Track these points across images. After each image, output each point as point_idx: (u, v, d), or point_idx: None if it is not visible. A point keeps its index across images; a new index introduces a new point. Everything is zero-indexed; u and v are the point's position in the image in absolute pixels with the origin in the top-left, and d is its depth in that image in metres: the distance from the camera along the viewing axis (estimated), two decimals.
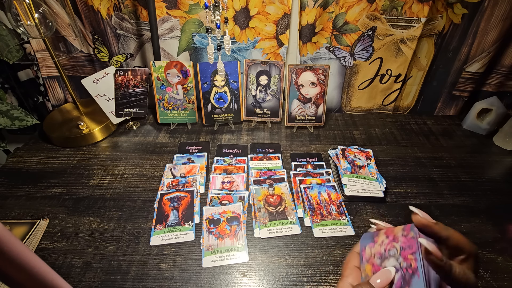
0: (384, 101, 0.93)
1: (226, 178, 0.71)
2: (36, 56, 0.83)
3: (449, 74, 0.86)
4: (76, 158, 0.77)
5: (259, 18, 0.79)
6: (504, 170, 0.76)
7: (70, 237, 0.59)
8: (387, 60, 0.84)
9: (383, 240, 0.32)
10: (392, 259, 0.30)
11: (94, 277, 0.53)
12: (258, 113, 0.87)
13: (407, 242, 0.30)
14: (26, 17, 0.64)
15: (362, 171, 0.70)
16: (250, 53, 0.85)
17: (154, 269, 0.54)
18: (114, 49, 0.85)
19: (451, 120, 0.92)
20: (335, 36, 0.82)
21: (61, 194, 0.67)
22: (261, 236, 0.59)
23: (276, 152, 0.79)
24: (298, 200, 0.67)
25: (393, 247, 0.31)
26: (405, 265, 0.29)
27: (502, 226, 0.61)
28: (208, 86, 0.83)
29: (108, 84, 0.84)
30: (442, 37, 0.80)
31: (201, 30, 0.81)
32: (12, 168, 0.74)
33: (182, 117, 0.87)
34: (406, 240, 0.30)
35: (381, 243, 0.32)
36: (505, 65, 0.82)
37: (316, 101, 0.84)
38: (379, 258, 0.32)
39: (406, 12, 0.76)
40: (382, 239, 0.33)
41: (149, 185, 0.70)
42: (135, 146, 0.81)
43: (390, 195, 0.68)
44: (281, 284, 0.52)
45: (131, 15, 0.80)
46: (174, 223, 0.61)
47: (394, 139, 0.85)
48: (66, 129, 0.80)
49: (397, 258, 0.30)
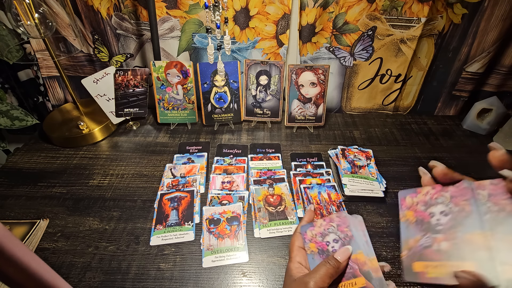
0: (384, 101, 0.92)
1: (226, 178, 0.71)
2: (36, 56, 0.83)
3: (449, 74, 0.86)
4: (76, 158, 0.77)
5: (259, 18, 0.79)
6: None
7: (70, 237, 0.59)
8: (387, 60, 0.84)
9: (321, 223, 0.41)
10: (332, 235, 0.39)
11: (94, 277, 0.53)
12: (258, 113, 0.87)
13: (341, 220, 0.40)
14: (26, 17, 0.64)
15: (362, 171, 0.70)
16: (250, 53, 0.85)
17: (154, 269, 0.54)
18: (114, 49, 0.85)
19: (451, 120, 0.92)
20: (335, 36, 0.81)
21: (61, 194, 0.67)
22: (261, 236, 0.59)
23: (276, 152, 0.79)
24: (298, 200, 0.67)
25: (331, 226, 0.40)
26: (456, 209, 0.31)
27: None
28: (208, 86, 0.83)
29: (108, 84, 0.84)
30: (442, 37, 0.80)
31: (201, 30, 0.81)
32: (12, 168, 0.74)
33: (182, 117, 0.87)
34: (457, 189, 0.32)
35: (320, 225, 0.41)
36: (505, 65, 0.82)
37: (316, 101, 0.84)
38: (320, 236, 0.40)
39: (406, 12, 0.76)
40: (320, 222, 0.41)
41: (149, 185, 0.70)
42: (135, 146, 0.81)
43: (390, 195, 0.68)
44: (281, 284, 0.52)
45: (131, 15, 0.80)
46: (174, 223, 0.61)
47: (394, 139, 0.85)
48: (66, 129, 0.80)
49: (336, 232, 0.39)
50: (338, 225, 0.40)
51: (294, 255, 0.41)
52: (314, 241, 0.41)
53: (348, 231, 0.39)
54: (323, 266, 0.36)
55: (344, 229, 0.39)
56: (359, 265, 0.36)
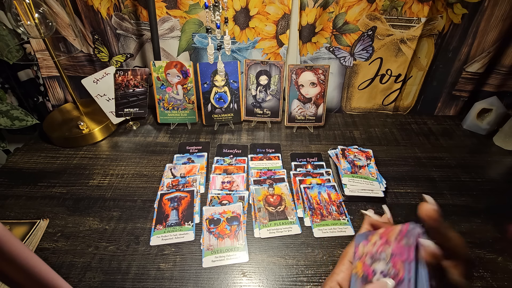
0: (384, 101, 0.93)
1: (226, 178, 0.71)
2: (36, 56, 0.83)
3: (449, 74, 0.86)
4: (76, 158, 0.77)
5: (259, 18, 0.79)
6: (504, 170, 0.76)
7: (70, 237, 0.59)
8: (387, 60, 0.84)
9: (376, 240, 0.32)
10: (382, 263, 0.30)
11: (94, 277, 0.53)
12: (258, 113, 0.87)
13: (398, 249, 0.29)
14: (26, 17, 0.64)
15: (362, 171, 0.70)
16: (250, 53, 0.85)
17: (154, 269, 0.54)
18: (114, 49, 0.85)
19: (451, 120, 0.92)
20: (335, 36, 0.82)
21: (61, 194, 0.67)
22: (261, 236, 0.59)
23: (276, 152, 0.79)
24: (298, 200, 0.67)
25: (384, 251, 0.30)
26: (392, 273, 0.28)
27: (502, 226, 0.61)
28: (208, 86, 0.83)
29: (108, 84, 0.84)
30: (442, 37, 0.80)
31: (201, 30, 0.81)
32: (12, 168, 0.74)
33: (182, 117, 0.87)
34: (398, 246, 0.29)
35: (374, 243, 0.32)
36: (505, 65, 0.82)
37: (316, 101, 0.84)
38: (370, 258, 0.31)
39: (406, 12, 0.76)
40: (376, 239, 0.32)
41: (149, 185, 0.70)
42: (135, 146, 0.81)
43: (390, 195, 0.68)
44: (281, 284, 0.52)
45: (131, 15, 0.80)
46: (174, 223, 0.61)
47: (394, 139, 0.85)
48: (66, 129, 0.80)
49: (387, 262, 0.29)
50: (393, 254, 0.29)
51: (339, 271, 0.34)
52: (362, 261, 0.32)
53: (401, 269, 0.27)
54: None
55: (398, 264, 0.28)
56: None
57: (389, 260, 0.29)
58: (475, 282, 0.52)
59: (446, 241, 0.27)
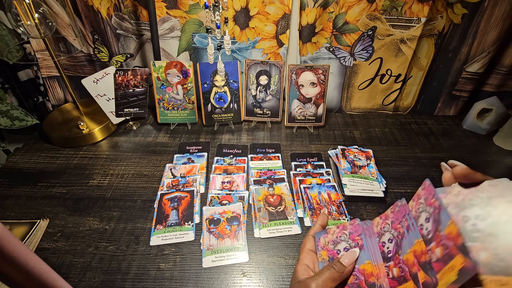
0: (384, 101, 0.93)
1: (226, 178, 0.71)
2: (36, 56, 0.83)
3: (449, 74, 0.86)
4: (76, 158, 0.77)
5: (259, 18, 0.79)
6: (504, 170, 0.76)
7: (70, 237, 0.59)
8: (387, 60, 0.84)
9: (335, 230, 0.41)
10: (343, 243, 0.39)
11: (94, 277, 0.53)
12: (258, 113, 0.87)
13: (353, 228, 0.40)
14: (26, 17, 0.64)
15: (362, 171, 0.70)
16: (250, 53, 0.85)
17: (154, 269, 0.54)
18: (114, 49, 0.85)
19: (451, 120, 0.92)
20: (335, 36, 0.81)
21: (61, 194, 0.67)
22: (261, 236, 0.59)
23: (276, 152, 0.79)
24: (298, 200, 0.67)
25: (343, 234, 0.40)
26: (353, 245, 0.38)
27: None
28: (208, 86, 0.83)
29: (108, 84, 0.84)
30: (442, 37, 0.80)
31: (201, 30, 0.81)
32: (12, 168, 0.74)
33: (182, 117, 0.87)
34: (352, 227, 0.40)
35: (333, 233, 0.41)
36: (505, 65, 0.82)
37: (316, 101, 0.84)
38: (332, 244, 0.40)
39: (406, 12, 0.76)
40: (334, 229, 0.41)
41: (149, 185, 0.70)
42: (135, 146, 0.81)
43: (390, 195, 0.68)
44: (281, 284, 0.52)
45: (131, 15, 0.80)
46: (174, 223, 0.61)
47: (394, 139, 0.85)
48: (66, 129, 0.80)
49: (347, 240, 0.39)
50: (350, 233, 0.39)
51: (303, 257, 0.40)
52: (326, 249, 0.40)
53: (359, 239, 0.38)
54: (327, 269, 0.36)
55: (356, 238, 0.38)
56: (365, 276, 0.36)
57: (348, 238, 0.40)
58: None
59: None
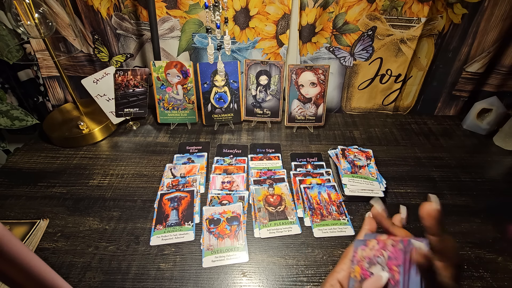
0: (384, 101, 0.93)
1: (226, 178, 0.71)
2: (36, 56, 0.83)
3: (449, 74, 0.86)
4: (76, 158, 0.77)
5: (259, 18, 0.79)
6: (504, 170, 0.76)
7: (70, 237, 0.59)
8: (387, 60, 0.84)
9: (374, 245, 0.33)
10: (379, 267, 0.31)
11: (94, 277, 0.53)
12: (258, 113, 0.87)
13: (394, 253, 0.30)
14: (26, 17, 0.64)
15: (362, 171, 0.70)
16: (250, 53, 0.85)
17: (154, 269, 0.54)
18: (114, 49, 0.85)
19: (451, 120, 0.92)
20: (335, 36, 0.81)
21: (61, 194, 0.67)
22: (261, 236, 0.59)
23: (276, 152, 0.79)
24: (298, 200, 0.67)
25: (381, 255, 0.31)
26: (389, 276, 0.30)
27: (502, 226, 0.61)
28: (208, 86, 0.83)
29: (108, 84, 0.84)
30: (442, 37, 0.80)
31: (201, 30, 0.81)
32: (12, 168, 0.74)
33: (182, 117, 0.87)
34: (394, 250, 0.30)
35: (371, 248, 0.33)
36: (505, 65, 0.82)
37: (316, 101, 0.84)
38: (367, 262, 0.32)
39: (406, 12, 0.76)
40: (373, 244, 0.33)
41: (149, 185, 0.70)
42: (135, 146, 0.81)
43: (390, 195, 0.68)
44: (281, 284, 0.52)
45: (131, 15, 0.80)
46: (174, 223, 0.61)
47: (394, 139, 0.85)
48: (66, 129, 0.80)
49: (383, 267, 0.30)
50: (389, 257, 0.31)
51: (340, 269, 0.35)
52: (360, 265, 0.33)
53: (396, 272, 0.29)
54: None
55: (393, 267, 0.30)
56: None
57: (385, 264, 0.31)
58: (475, 282, 0.52)
59: (440, 242, 0.28)
